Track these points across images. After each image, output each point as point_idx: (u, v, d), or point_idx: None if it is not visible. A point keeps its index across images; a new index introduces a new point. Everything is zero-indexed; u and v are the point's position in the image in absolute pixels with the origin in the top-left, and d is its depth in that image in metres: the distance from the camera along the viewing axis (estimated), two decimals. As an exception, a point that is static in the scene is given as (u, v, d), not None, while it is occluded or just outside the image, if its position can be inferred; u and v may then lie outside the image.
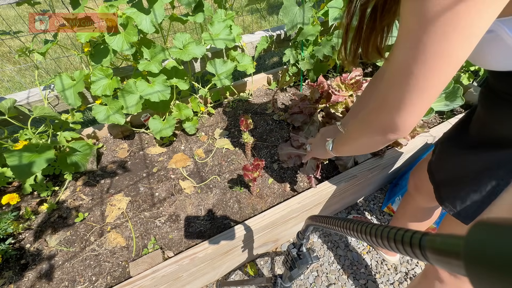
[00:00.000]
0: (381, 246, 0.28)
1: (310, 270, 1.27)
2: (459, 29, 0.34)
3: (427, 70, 0.38)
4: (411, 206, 1.03)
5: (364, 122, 0.55)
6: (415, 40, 0.37)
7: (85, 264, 1.01)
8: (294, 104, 1.45)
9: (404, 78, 0.40)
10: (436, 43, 0.35)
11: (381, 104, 0.47)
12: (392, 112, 0.45)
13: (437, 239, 0.20)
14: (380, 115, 0.48)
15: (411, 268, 1.28)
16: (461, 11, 0.32)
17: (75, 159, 1.20)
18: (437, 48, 0.36)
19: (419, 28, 0.36)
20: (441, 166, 0.69)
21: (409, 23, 0.37)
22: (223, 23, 1.32)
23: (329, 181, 1.14)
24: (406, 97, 0.41)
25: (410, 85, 0.40)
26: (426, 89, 0.39)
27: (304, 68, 1.52)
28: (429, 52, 0.36)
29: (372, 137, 0.53)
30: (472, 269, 0.15)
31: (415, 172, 0.95)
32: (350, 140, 0.64)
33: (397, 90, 0.42)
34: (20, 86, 2.35)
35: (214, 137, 1.45)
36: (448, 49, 0.35)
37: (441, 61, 0.37)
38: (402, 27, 0.39)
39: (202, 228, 1.09)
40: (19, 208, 1.16)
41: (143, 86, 1.17)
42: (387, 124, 0.47)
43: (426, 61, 0.37)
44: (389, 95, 0.45)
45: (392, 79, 0.43)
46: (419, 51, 0.37)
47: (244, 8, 2.87)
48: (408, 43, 0.38)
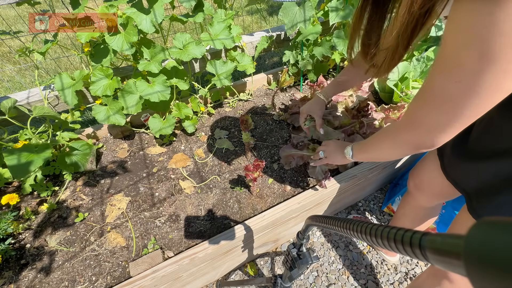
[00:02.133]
0: (381, 246, 0.28)
1: (310, 270, 1.27)
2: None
3: (481, 103, 0.38)
4: (411, 206, 1.03)
5: (395, 138, 0.56)
6: (468, 75, 0.37)
7: (85, 264, 1.01)
8: (294, 104, 1.45)
9: (453, 108, 0.41)
10: (496, 80, 0.35)
11: (420, 125, 0.48)
12: (433, 133, 0.46)
13: (437, 239, 0.20)
14: (416, 135, 0.49)
15: (411, 268, 1.28)
16: None
17: (75, 159, 1.20)
18: (495, 84, 0.35)
19: (479, 63, 0.35)
20: (467, 175, 0.65)
21: (463, 57, 0.37)
22: (223, 24, 1.32)
23: (329, 181, 1.14)
24: (451, 124, 0.42)
25: (460, 114, 0.41)
26: (473, 118, 0.41)
27: (304, 68, 1.52)
28: (488, 87, 0.36)
29: (403, 151, 0.56)
30: (472, 269, 0.15)
31: (415, 171, 0.95)
32: (376, 150, 0.67)
33: (439, 115, 0.43)
34: (20, 86, 2.35)
35: (214, 137, 1.45)
36: (506, 85, 0.36)
37: (495, 95, 0.37)
38: (450, 56, 0.39)
39: (202, 228, 1.09)
40: (19, 208, 1.16)
41: (143, 86, 1.17)
42: (423, 142, 0.49)
43: (483, 95, 0.37)
44: (430, 118, 0.45)
45: (435, 105, 0.43)
46: (476, 85, 0.37)
47: (244, 8, 2.87)
48: (462, 76, 0.38)
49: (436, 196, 0.88)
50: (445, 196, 0.85)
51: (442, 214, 1.23)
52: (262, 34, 1.59)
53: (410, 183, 0.97)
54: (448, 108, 0.41)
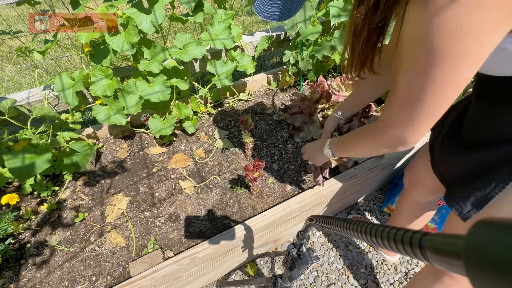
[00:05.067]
0: (381, 246, 0.28)
1: (310, 270, 1.27)
2: (466, 60, 0.36)
3: (437, 98, 0.42)
4: (407, 203, 1.04)
5: (373, 135, 0.60)
6: (424, 72, 0.40)
7: (85, 264, 1.01)
8: (294, 104, 1.45)
9: (414, 103, 0.45)
10: (446, 75, 0.39)
11: (391, 123, 0.52)
12: (403, 130, 0.50)
13: (437, 239, 0.20)
14: (391, 132, 0.53)
15: (411, 268, 1.28)
16: (469, 45, 0.35)
17: (75, 159, 1.20)
18: (446, 79, 0.39)
19: (427, 60, 0.38)
20: (448, 167, 0.68)
21: (416, 55, 0.40)
22: (223, 23, 1.32)
23: (329, 181, 1.14)
24: (416, 119, 0.47)
25: (422, 109, 0.45)
26: (435, 112, 0.44)
27: (304, 68, 1.52)
28: (439, 82, 0.40)
29: (380, 148, 0.60)
30: (472, 269, 0.15)
31: (410, 168, 0.96)
32: (356, 150, 0.71)
33: (407, 113, 0.47)
34: (20, 86, 2.35)
35: (214, 137, 1.45)
36: (457, 79, 0.39)
37: (449, 89, 0.40)
38: (407, 56, 0.42)
39: (202, 228, 1.09)
40: (19, 208, 1.16)
41: (143, 86, 1.17)
42: (397, 140, 0.53)
43: (436, 90, 0.41)
44: (398, 116, 0.50)
45: (400, 102, 0.48)
46: (428, 82, 0.40)
47: (244, 8, 2.87)
48: (416, 73, 0.41)
49: (430, 191, 0.90)
50: (439, 191, 0.86)
51: (443, 214, 1.24)
52: (262, 34, 1.59)
53: (405, 179, 0.99)
54: (412, 105, 0.45)
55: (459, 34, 0.34)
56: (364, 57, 0.58)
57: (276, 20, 0.63)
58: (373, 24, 0.49)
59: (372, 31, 0.52)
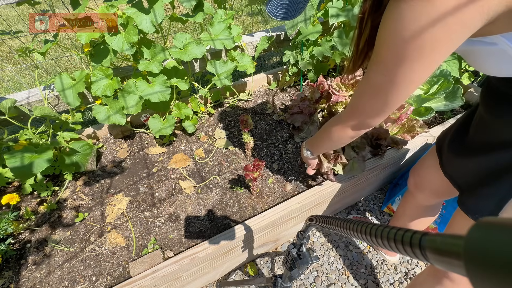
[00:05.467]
0: (381, 246, 0.28)
1: (310, 270, 1.27)
2: (424, 64, 0.44)
3: (399, 91, 0.50)
4: (411, 205, 1.03)
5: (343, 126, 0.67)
6: (388, 69, 0.47)
7: (85, 264, 1.01)
8: (294, 104, 1.45)
9: (381, 95, 0.52)
10: (406, 74, 0.46)
11: (361, 112, 0.60)
12: (371, 117, 0.60)
13: (437, 239, 0.20)
14: (361, 119, 0.62)
15: (411, 268, 1.28)
16: (425, 52, 0.41)
17: (75, 159, 1.19)
18: (406, 77, 0.46)
19: (391, 60, 0.46)
20: (458, 170, 0.68)
21: (383, 54, 0.47)
22: (223, 24, 1.32)
23: (329, 181, 1.14)
24: (383, 109, 0.55)
25: (387, 100, 0.53)
26: (397, 102, 0.53)
27: (304, 68, 1.52)
28: (400, 79, 0.47)
29: (350, 134, 0.67)
30: (472, 269, 0.15)
31: (415, 170, 0.95)
32: (328, 142, 0.78)
33: (376, 103, 0.55)
34: (20, 86, 2.35)
35: (214, 137, 1.45)
36: (415, 77, 0.46)
37: (409, 85, 0.48)
38: (377, 54, 0.48)
39: (202, 228, 1.09)
40: (19, 208, 1.16)
41: (143, 86, 1.17)
42: (364, 125, 0.63)
43: (398, 86, 0.48)
44: (368, 106, 0.58)
45: (370, 94, 0.55)
46: (391, 78, 0.48)
47: (244, 8, 2.87)
48: (382, 70, 0.48)
49: (436, 194, 0.89)
50: (444, 194, 0.85)
51: (443, 214, 1.23)
52: (262, 34, 1.59)
53: (410, 181, 0.98)
54: (379, 96, 0.53)
55: (420, 42, 0.40)
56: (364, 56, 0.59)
57: (286, 19, 0.72)
58: (376, 22, 0.50)
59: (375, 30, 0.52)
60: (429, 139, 1.32)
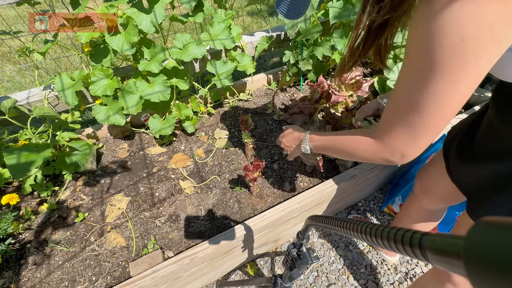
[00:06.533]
0: (381, 246, 0.28)
1: (310, 270, 1.27)
2: (468, 74, 0.36)
3: (435, 109, 0.40)
4: (415, 208, 1.01)
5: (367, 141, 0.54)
6: (426, 83, 0.38)
7: (85, 264, 1.01)
8: (294, 104, 1.45)
9: (413, 113, 0.42)
10: (446, 87, 0.37)
11: (390, 131, 0.48)
12: (401, 140, 0.46)
13: (437, 239, 0.20)
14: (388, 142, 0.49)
15: (411, 268, 1.28)
16: (468, 58, 0.34)
17: (75, 159, 1.20)
18: (446, 91, 0.38)
19: (429, 72, 0.37)
20: (466, 176, 0.65)
21: (418, 65, 0.39)
22: (223, 24, 1.32)
23: (329, 181, 1.14)
24: (415, 130, 0.43)
25: (421, 120, 0.42)
26: (435, 124, 0.42)
27: (304, 68, 1.52)
28: (438, 93, 0.38)
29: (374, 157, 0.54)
30: (472, 269, 0.15)
31: (422, 174, 0.93)
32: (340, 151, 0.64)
33: (406, 122, 0.44)
34: (20, 86, 2.35)
35: (214, 137, 1.45)
36: (459, 91, 0.38)
37: (449, 101, 0.39)
38: (409, 65, 0.41)
39: (202, 228, 1.09)
40: (19, 208, 1.16)
41: (143, 86, 1.17)
42: (393, 151, 0.49)
43: (435, 101, 0.39)
44: (396, 124, 0.45)
45: (399, 110, 0.44)
46: (428, 92, 0.39)
47: (244, 8, 2.87)
48: (418, 83, 0.40)
49: (442, 199, 0.87)
50: (451, 199, 0.83)
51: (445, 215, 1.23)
52: (262, 34, 1.58)
53: (416, 185, 0.95)
54: (410, 114, 0.42)
55: (460, 47, 0.34)
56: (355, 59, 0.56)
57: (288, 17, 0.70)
58: (374, 24, 0.48)
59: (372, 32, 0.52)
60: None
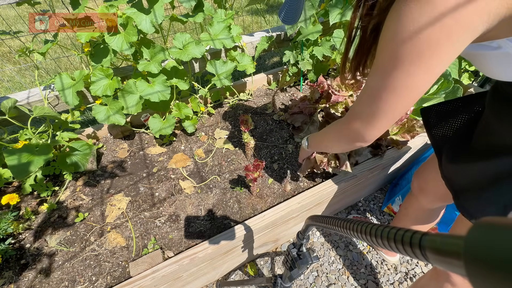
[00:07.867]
0: (381, 246, 0.28)
1: (310, 270, 1.27)
2: (422, 68, 0.41)
3: (393, 98, 0.47)
4: (414, 207, 1.02)
5: (338, 128, 0.66)
6: (386, 73, 0.45)
7: (85, 264, 1.01)
8: (294, 104, 1.45)
9: (374, 100, 0.50)
10: (403, 78, 0.43)
11: (354, 116, 0.57)
12: (363, 124, 0.55)
13: (437, 239, 0.20)
14: (353, 125, 0.58)
15: (411, 268, 1.28)
16: (423, 54, 0.40)
17: (75, 159, 1.20)
18: (403, 82, 0.44)
19: (389, 63, 0.44)
20: (457, 173, 0.66)
21: (383, 58, 0.45)
22: (223, 24, 1.32)
23: (329, 181, 1.14)
24: (374, 115, 0.52)
25: (380, 107, 0.49)
26: (392, 111, 0.49)
27: (304, 68, 1.52)
28: (395, 84, 0.45)
29: (342, 142, 0.66)
30: (472, 269, 0.15)
31: (419, 173, 0.94)
32: (325, 141, 0.78)
33: (368, 108, 0.52)
34: (20, 86, 2.35)
35: (214, 137, 1.45)
36: (413, 83, 0.44)
37: (406, 91, 0.45)
38: (377, 58, 0.47)
39: (202, 228, 1.09)
40: (19, 208, 1.16)
41: (143, 86, 1.17)
42: (356, 134, 0.58)
43: (393, 91, 0.46)
44: (361, 110, 0.55)
45: (364, 99, 0.53)
46: (388, 82, 0.45)
47: (244, 8, 2.87)
48: (381, 74, 0.46)
49: (439, 198, 0.88)
50: (448, 198, 0.84)
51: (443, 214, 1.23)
52: (262, 34, 1.58)
53: (414, 184, 0.96)
54: (372, 101, 0.50)
55: (417, 43, 0.39)
56: (358, 60, 0.59)
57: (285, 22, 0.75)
58: (367, 27, 0.51)
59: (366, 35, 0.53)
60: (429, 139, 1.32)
